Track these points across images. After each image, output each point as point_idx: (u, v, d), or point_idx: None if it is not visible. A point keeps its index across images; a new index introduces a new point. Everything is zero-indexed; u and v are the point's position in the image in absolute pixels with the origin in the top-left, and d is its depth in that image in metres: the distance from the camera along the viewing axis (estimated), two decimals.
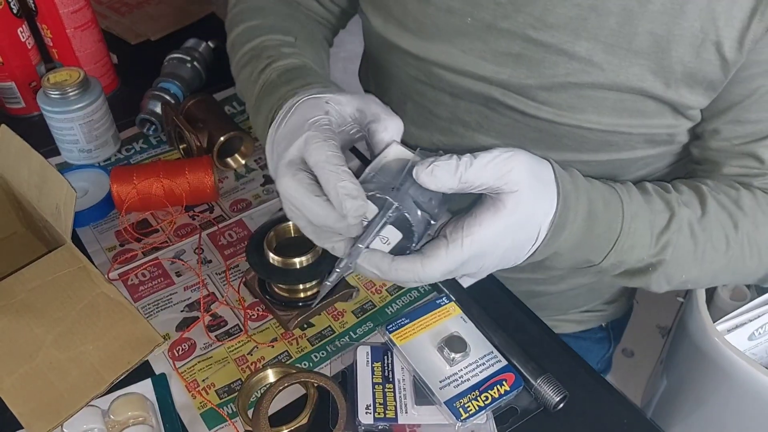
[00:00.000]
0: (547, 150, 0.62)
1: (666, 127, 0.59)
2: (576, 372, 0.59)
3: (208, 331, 0.62)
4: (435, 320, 0.59)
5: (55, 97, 0.76)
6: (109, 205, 0.74)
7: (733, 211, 0.57)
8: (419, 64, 0.64)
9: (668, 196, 0.56)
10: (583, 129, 0.59)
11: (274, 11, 0.71)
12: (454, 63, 0.61)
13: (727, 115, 0.57)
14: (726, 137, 0.59)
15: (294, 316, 0.61)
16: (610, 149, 0.62)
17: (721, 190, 0.59)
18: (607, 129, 0.59)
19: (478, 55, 0.60)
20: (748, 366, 0.69)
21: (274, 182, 0.50)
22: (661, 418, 0.91)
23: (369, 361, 0.57)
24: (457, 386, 0.54)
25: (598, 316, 0.88)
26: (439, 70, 0.63)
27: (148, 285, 0.66)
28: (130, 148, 0.84)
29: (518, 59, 0.58)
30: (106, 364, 0.53)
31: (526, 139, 0.63)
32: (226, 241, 0.71)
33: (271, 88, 0.58)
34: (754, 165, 0.59)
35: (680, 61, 0.53)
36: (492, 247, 0.47)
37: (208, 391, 0.57)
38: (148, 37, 1.06)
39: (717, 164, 0.61)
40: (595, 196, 0.52)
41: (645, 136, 0.60)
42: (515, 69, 0.58)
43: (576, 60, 0.55)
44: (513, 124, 0.62)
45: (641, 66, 0.54)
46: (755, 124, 0.57)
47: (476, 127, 0.65)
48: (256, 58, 0.63)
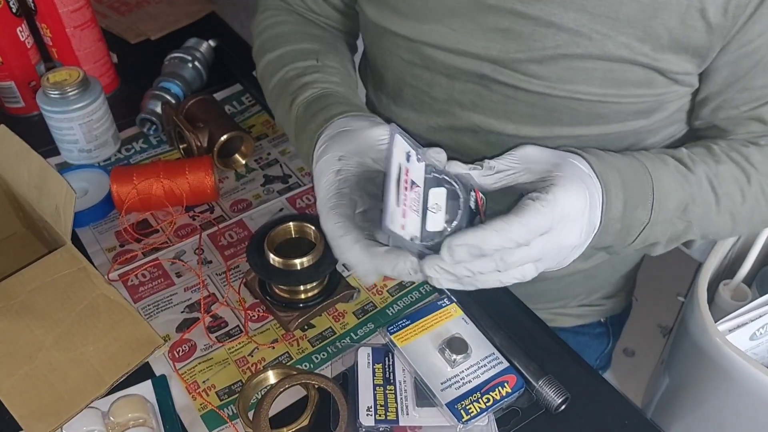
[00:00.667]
0: (540, 125, 0.64)
1: (656, 96, 0.60)
2: (578, 373, 0.58)
3: (208, 332, 0.62)
4: (436, 322, 0.59)
5: (54, 96, 0.76)
6: (109, 205, 0.74)
7: (745, 166, 0.59)
8: (413, 46, 0.66)
9: (681, 154, 0.58)
10: (574, 100, 0.60)
11: (293, 36, 0.73)
12: (446, 42, 0.62)
13: (735, 86, 0.59)
14: (734, 105, 0.60)
15: (295, 317, 0.61)
16: (600, 122, 0.63)
17: (732, 148, 0.61)
18: (597, 99, 0.60)
19: (468, 32, 0.61)
20: (750, 366, 0.69)
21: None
22: (662, 417, 0.91)
23: (370, 363, 0.57)
24: (458, 388, 0.54)
25: (597, 311, 0.88)
26: (432, 51, 0.64)
27: (148, 286, 0.66)
28: (130, 148, 0.84)
29: (507, 34, 0.59)
30: (106, 366, 0.53)
31: (519, 115, 0.64)
32: (226, 242, 0.71)
33: (303, 125, 0.61)
34: (760, 129, 0.61)
35: (666, 27, 0.54)
36: (571, 211, 0.47)
37: (209, 392, 0.57)
38: (148, 37, 1.06)
39: (724, 131, 0.63)
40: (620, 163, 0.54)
41: (635, 106, 0.61)
42: (505, 44, 0.59)
43: (564, 31, 0.56)
44: (505, 100, 0.63)
45: (628, 35, 0.55)
46: (761, 90, 0.58)
47: (471, 106, 0.66)
48: (284, 94, 0.67)
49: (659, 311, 1.07)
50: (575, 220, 0.48)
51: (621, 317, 0.93)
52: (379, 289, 0.65)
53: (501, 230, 0.44)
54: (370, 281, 0.50)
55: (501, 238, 0.44)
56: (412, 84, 0.70)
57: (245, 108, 0.90)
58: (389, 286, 0.66)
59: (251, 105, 0.90)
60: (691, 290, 0.79)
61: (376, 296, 0.65)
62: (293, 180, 0.78)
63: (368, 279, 0.48)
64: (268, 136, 0.85)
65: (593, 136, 0.64)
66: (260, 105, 0.89)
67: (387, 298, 0.65)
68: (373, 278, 0.48)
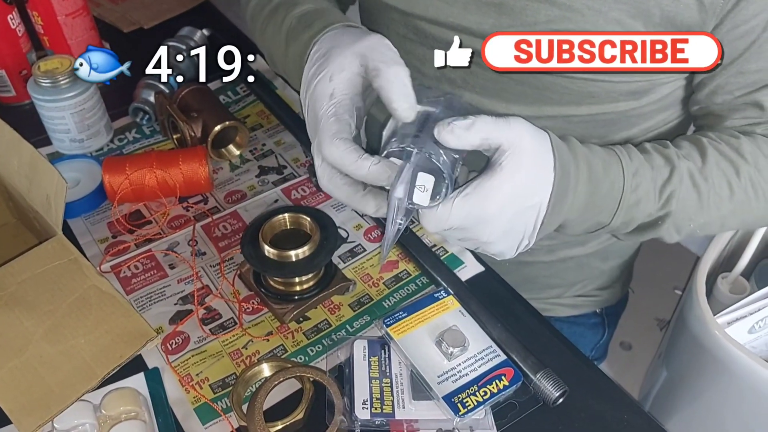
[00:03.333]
0: (530, 104, 0.64)
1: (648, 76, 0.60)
2: (576, 366, 0.58)
3: (202, 324, 0.61)
4: (433, 314, 0.58)
5: (45, 85, 0.74)
6: (102, 196, 0.73)
7: (734, 159, 0.59)
8: (406, 20, 0.66)
9: (667, 151, 0.58)
10: (565, 78, 0.60)
11: None
12: (439, 15, 0.63)
13: (729, 69, 0.59)
14: (729, 90, 0.60)
15: (290, 309, 0.60)
16: (591, 101, 0.63)
17: (721, 140, 0.60)
18: (587, 78, 0.60)
19: (461, 6, 0.61)
20: (748, 359, 0.68)
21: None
22: (660, 410, 0.90)
23: (366, 356, 0.56)
24: (455, 381, 0.53)
25: (593, 301, 0.88)
26: (425, 25, 0.64)
27: (140, 277, 0.65)
28: (123, 138, 0.83)
29: (500, 8, 0.59)
30: (97, 359, 0.52)
31: (510, 93, 0.64)
32: (220, 233, 0.70)
33: (295, 36, 0.61)
34: (756, 114, 0.61)
35: (658, 4, 0.55)
36: (498, 209, 0.48)
37: (202, 385, 0.56)
38: (141, 25, 1.04)
39: (720, 118, 0.63)
40: (594, 160, 0.54)
41: (627, 86, 0.61)
42: (498, 18, 0.59)
43: (557, 6, 0.57)
44: (497, 78, 0.63)
45: (620, 10, 0.55)
46: (756, 74, 0.58)
47: (462, 84, 0.66)
48: (273, 16, 0.67)
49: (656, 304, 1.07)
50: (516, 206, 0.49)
51: (617, 308, 0.93)
52: (375, 282, 0.65)
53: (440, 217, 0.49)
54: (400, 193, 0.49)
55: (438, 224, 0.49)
56: (406, 60, 0.69)
57: (240, 98, 0.89)
58: (385, 278, 0.65)
59: (246, 95, 0.89)
60: (689, 283, 0.78)
61: (372, 288, 0.64)
62: (288, 171, 0.77)
63: (398, 191, 0.48)
64: (263, 126, 0.84)
65: (584, 116, 0.64)
66: (255, 95, 0.88)
67: (383, 291, 0.64)
68: (401, 191, 0.49)
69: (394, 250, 0.67)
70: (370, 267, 0.66)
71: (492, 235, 0.50)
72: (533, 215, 0.50)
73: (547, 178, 0.50)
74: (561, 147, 0.51)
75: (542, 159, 0.49)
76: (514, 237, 0.52)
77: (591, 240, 0.78)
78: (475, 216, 0.48)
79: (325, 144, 0.50)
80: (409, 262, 0.66)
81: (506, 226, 0.50)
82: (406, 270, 0.66)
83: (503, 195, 0.48)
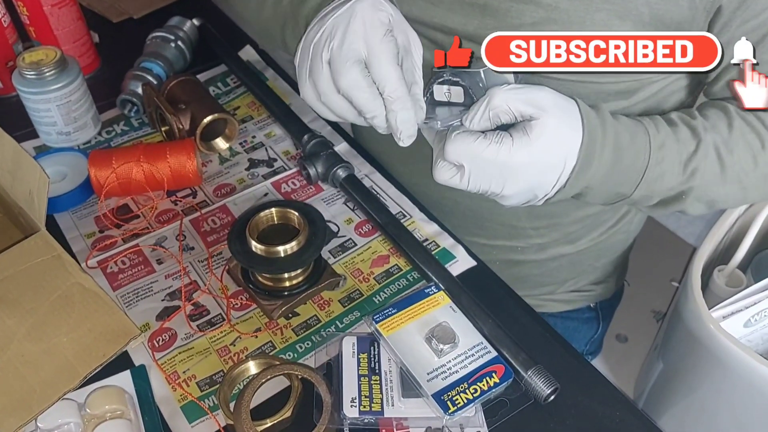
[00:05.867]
0: None
1: (636, 76, 0.60)
2: (568, 363, 0.57)
3: (189, 320, 0.60)
4: (423, 310, 0.57)
5: (30, 77, 0.73)
6: (88, 190, 0.71)
7: (761, 130, 0.58)
8: None
9: (694, 122, 0.57)
10: (551, 80, 0.59)
11: None
12: (423, 16, 0.62)
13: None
14: None
15: (278, 305, 0.59)
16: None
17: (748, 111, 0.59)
18: (575, 79, 0.59)
19: (447, 7, 0.60)
20: (743, 354, 0.67)
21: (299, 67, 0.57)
22: (656, 403, 0.90)
23: (355, 353, 0.55)
24: (445, 378, 0.52)
25: (586, 296, 0.87)
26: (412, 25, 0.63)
27: (127, 273, 0.64)
28: (111, 131, 0.81)
29: (485, 9, 0.58)
30: (80, 357, 0.51)
31: None
32: (209, 227, 0.69)
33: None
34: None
35: (647, 3, 0.54)
36: (521, 165, 0.50)
37: (189, 383, 0.55)
38: (131, 15, 1.02)
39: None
40: (621, 129, 0.54)
41: (615, 86, 0.61)
42: (482, 20, 0.59)
43: (542, 7, 0.56)
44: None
45: (607, 11, 0.55)
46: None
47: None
48: None
49: (652, 296, 1.06)
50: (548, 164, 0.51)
51: (611, 302, 0.92)
52: (365, 277, 0.64)
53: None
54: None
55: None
56: None
57: (230, 89, 0.87)
58: (376, 273, 0.64)
59: (236, 86, 0.88)
60: (685, 276, 0.77)
61: (363, 284, 0.63)
62: (278, 164, 0.76)
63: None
64: (254, 118, 0.83)
65: None
66: (245, 86, 0.87)
67: (374, 286, 0.63)
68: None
69: (386, 244, 0.66)
70: (360, 262, 0.65)
71: (509, 189, 0.52)
72: (555, 175, 0.52)
73: (575, 139, 0.51)
74: (589, 112, 0.52)
75: (569, 123, 0.51)
76: (528, 194, 0.54)
77: (582, 237, 0.77)
78: (499, 163, 0.51)
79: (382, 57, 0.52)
80: (400, 257, 0.65)
81: (524, 185, 0.52)
82: (397, 265, 0.65)
83: (529, 154, 0.50)
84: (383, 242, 0.67)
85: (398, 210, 0.70)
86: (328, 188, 0.73)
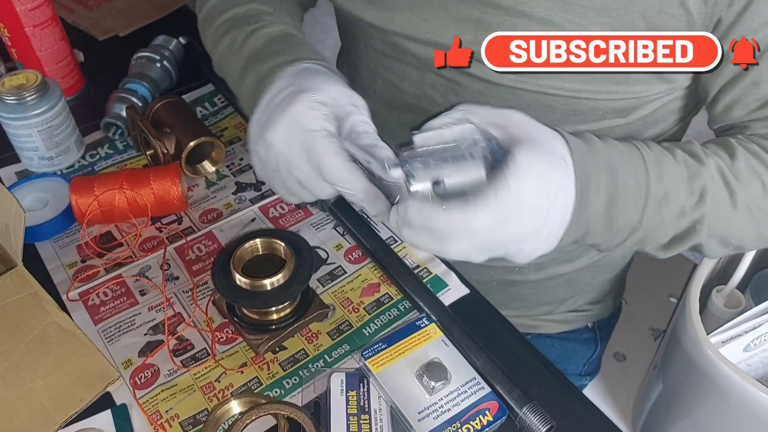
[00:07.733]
0: None
1: (633, 94, 0.58)
2: (564, 398, 0.55)
3: (173, 355, 0.58)
4: (414, 344, 0.55)
5: (11, 102, 0.71)
6: (71, 217, 0.69)
7: (766, 157, 0.55)
8: (384, 36, 0.64)
9: (691, 147, 0.55)
10: (548, 96, 0.58)
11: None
12: (417, 32, 0.61)
13: (743, 80, 0.55)
14: (745, 103, 0.57)
15: (265, 340, 0.57)
16: (576, 119, 0.61)
17: (750, 140, 0.57)
18: (571, 95, 0.58)
19: (439, 23, 0.59)
20: (743, 381, 0.66)
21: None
22: (654, 425, 0.88)
23: (343, 390, 0.53)
24: (436, 417, 0.50)
25: (584, 316, 0.86)
26: (404, 41, 0.63)
27: (110, 305, 0.62)
28: (95, 154, 0.79)
29: (478, 24, 0.57)
30: (56, 403, 0.49)
31: None
32: (194, 255, 0.67)
33: (263, 57, 0.58)
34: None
35: (643, 16, 0.52)
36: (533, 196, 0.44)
37: (172, 423, 0.53)
38: (117, 33, 1.01)
39: (743, 128, 0.59)
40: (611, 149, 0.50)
41: (612, 104, 0.59)
42: (475, 35, 0.57)
43: (536, 21, 0.55)
44: (478, 96, 0.62)
45: (603, 24, 0.53)
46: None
47: (443, 102, 0.64)
48: (236, 28, 0.63)
49: (650, 313, 1.04)
50: (530, 210, 0.44)
51: (609, 321, 0.91)
52: (355, 307, 0.62)
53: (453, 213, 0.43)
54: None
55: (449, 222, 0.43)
56: (385, 77, 0.68)
57: (217, 110, 0.85)
58: (366, 303, 0.62)
59: (224, 107, 0.86)
60: (683, 299, 0.76)
61: (353, 314, 0.61)
62: (266, 187, 0.74)
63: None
64: (241, 139, 0.81)
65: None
66: (233, 107, 0.85)
67: (364, 316, 0.61)
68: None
69: (376, 271, 0.65)
70: (350, 291, 0.63)
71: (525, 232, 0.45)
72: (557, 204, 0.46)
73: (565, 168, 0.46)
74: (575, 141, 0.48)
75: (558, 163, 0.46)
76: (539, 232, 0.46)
77: (581, 256, 0.75)
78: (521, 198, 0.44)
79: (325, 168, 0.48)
80: (391, 285, 0.63)
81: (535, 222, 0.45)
82: (388, 294, 0.63)
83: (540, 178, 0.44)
84: (374, 269, 0.65)
85: (389, 235, 0.68)
86: (317, 213, 0.71)
